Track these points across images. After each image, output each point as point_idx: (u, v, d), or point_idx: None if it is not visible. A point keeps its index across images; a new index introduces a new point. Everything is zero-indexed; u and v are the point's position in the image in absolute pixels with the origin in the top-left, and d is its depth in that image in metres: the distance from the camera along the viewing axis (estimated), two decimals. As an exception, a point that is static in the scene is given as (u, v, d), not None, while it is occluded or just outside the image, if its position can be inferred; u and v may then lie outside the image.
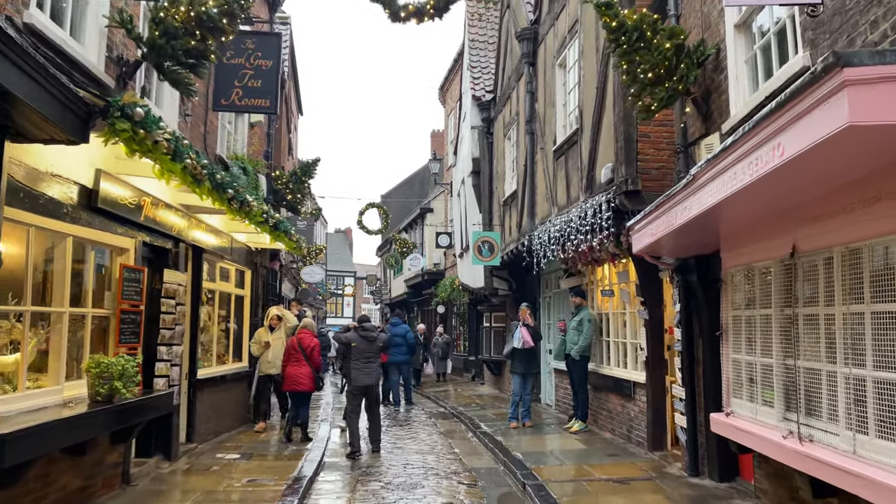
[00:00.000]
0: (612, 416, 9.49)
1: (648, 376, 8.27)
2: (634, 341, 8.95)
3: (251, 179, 9.45)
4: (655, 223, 6.02)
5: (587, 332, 9.80)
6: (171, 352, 7.46)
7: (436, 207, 26.93)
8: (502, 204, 13.80)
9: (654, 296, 8.30)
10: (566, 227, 9.02)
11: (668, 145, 7.44)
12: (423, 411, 14.11)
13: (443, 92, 26.62)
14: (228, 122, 10.19)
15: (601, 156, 8.19)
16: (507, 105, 13.55)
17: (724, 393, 5.95)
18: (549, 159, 10.46)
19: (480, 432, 10.41)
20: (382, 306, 44.07)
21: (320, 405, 14.53)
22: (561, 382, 11.94)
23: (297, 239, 10.44)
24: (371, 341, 9.10)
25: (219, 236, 9.34)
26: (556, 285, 12.46)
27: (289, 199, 12.44)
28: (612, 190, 7.46)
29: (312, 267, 22.75)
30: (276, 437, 9.88)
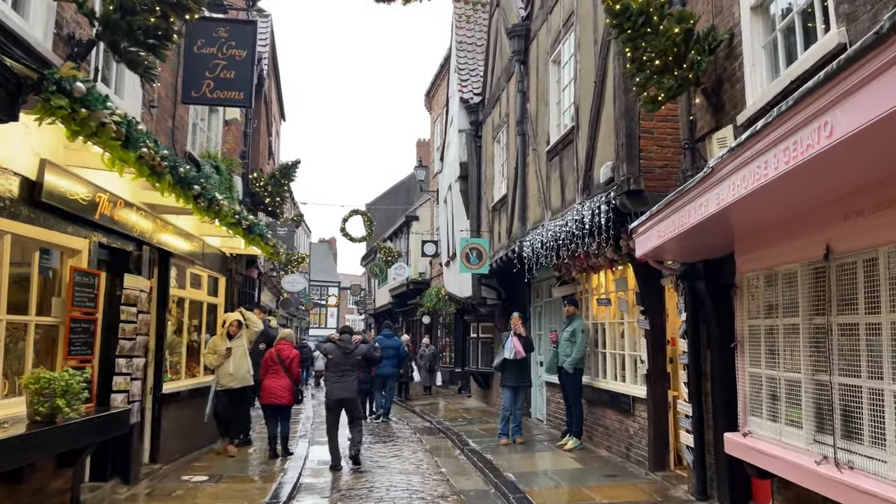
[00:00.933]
0: (608, 433, 8.92)
1: (649, 391, 7.72)
2: (633, 353, 8.40)
3: (224, 179, 8.83)
4: (663, 224, 5.49)
5: (580, 343, 9.25)
6: (131, 364, 6.80)
7: (421, 215, 26.37)
8: (491, 209, 13.25)
9: (656, 304, 7.77)
10: (560, 232, 8.48)
11: (672, 142, 6.93)
12: (408, 426, 13.47)
13: (429, 98, 26.14)
14: (201, 118, 9.57)
15: (600, 154, 7.67)
16: (496, 107, 13.04)
17: (741, 411, 5.40)
18: (541, 161, 9.94)
19: (469, 450, 9.80)
20: (367, 317, 43.33)
21: (300, 419, 13.85)
22: (553, 396, 11.36)
23: (274, 244, 9.81)
24: (348, 353, 8.76)
25: (189, 240, 8.69)
26: (547, 294, 11.91)
27: (267, 203, 11.81)
28: (613, 190, 6.93)
29: (294, 276, 22.09)
30: (255, 456, 9.20)
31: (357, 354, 8.98)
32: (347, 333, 9.21)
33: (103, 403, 6.59)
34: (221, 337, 9.04)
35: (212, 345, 9.09)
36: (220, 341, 9.00)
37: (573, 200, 8.50)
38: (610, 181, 7.18)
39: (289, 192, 12.34)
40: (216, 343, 9.04)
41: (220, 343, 8.98)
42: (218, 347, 8.93)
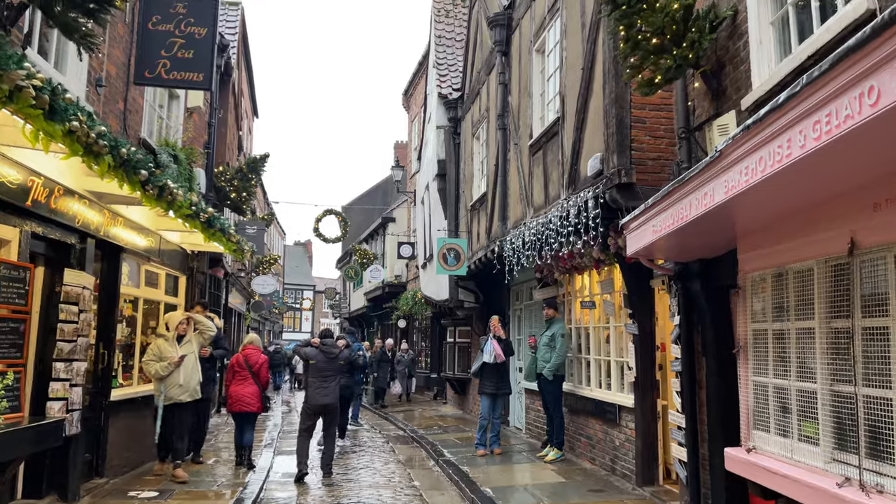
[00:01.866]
0: (592, 444, 8.41)
1: (637, 400, 7.23)
2: (620, 359, 7.91)
3: (183, 170, 8.18)
4: (660, 218, 4.99)
5: (560, 348, 8.74)
6: (70, 369, 6.13)
7: (398, 217, 25.78)
8: (470, 209, 12.72)
9: (645, 308, 7.28)
10: (543, 230, 7.97)
11: (666, 133, 6.46)
12: (381, 434, 12.87)
13: (407, 97, 25.60)
14: (160, 105, 8.91)
15: (587, 146, 7.18)
16: (476, 102, 12.52)
17: (743, 424, 4.91)
18: (523, 155, 9.43)
19: (443, 460, 9.23)
20: (342, 320, 42.56)
21: (266, 427, 13.17)
22: (532, 404, 10.84)
23: (237, 240, 9.16)
24: (332, 358, 8.46)
25: (143, 234, 8.03)
26: (528, 296, 11.41)
27: (233, 198, 11.14)
28: (601, 184, 6.43)
29: (265, 277, 21.35)
30: (215, 468, 8.53)
31: (341, 359, 8.64)
32: (329, 337, 8.80)
33: (38, 412, 5.93)
34: (170, 342, 7.73)
35: (156, 350, 7.62)
36: (168, 346, 7.68)
37: (557, 196, 7.99)
38: (598, 174, 6.69)
39: (256, 186, 11.69)
40: (162, 348, 7.63)
41: (167, 348, 7.64)
42: (166, 353, 7.60)
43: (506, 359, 9.52)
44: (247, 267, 22.34)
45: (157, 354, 7.61)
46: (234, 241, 8.92)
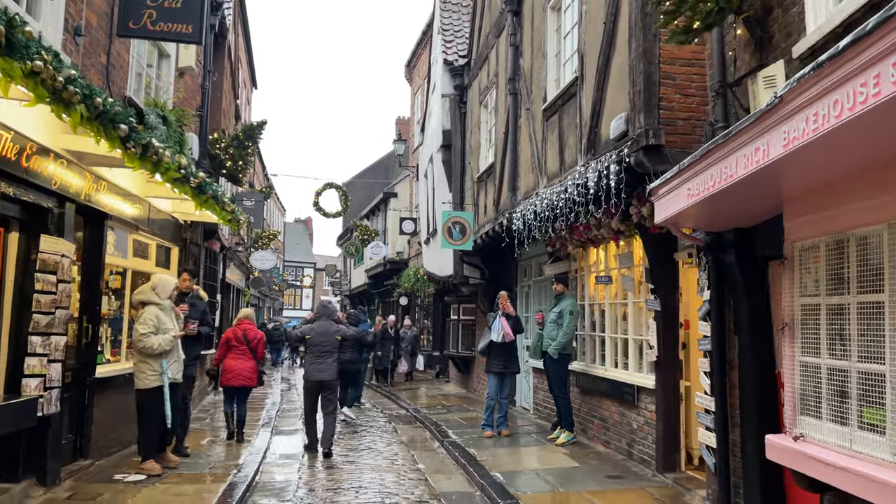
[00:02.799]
0: (606, 427, 7.97)
1: (659, 380, 6.76)
2: (638, 337, 7.43)
3: (173, 133, 7.63)
4: (698, 179, 4.46)
5: (568, 325, 8.25)
6: (48, 343, 5.65)
7: (400, 192, 25.22)
8: (476, 180, 12.18)
9: (668, 282, 6.79)
10: (558, 200, 7.44)
11: (697, 90, 5.91)
12: (383, 414, 12.45)
13: (409, 69, 24.91)
14: (148, 64, 8.33)
15: (609, 107, 6.63)
16: (483, 68, 11.92)
17: (788, 409, 4.42)
18: (536, 121, 8.87)
19: (449, 442, 8.80)
20: (342, 298, 42.16)
21: (265, 405, 12.77)
22: (541, 384, 10.39)
23: (232, 210, 8.64)
24: (328, 334, 8.33)
25: (130, 201, 7.51)
26: (537, 272, 10.91)
27: (228, 167, 10.60)
28: (626, 146, 5.89)
29: (263, 252, 20.86)
30: (208, 447, 8.11)
31: (337, 334, 8.43)
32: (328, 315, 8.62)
33: (13, 390, 5.47)
34: (167, 311, 6.70)
35: (153, 319, 6.51)
36: (166, 316, 6.67)
37: (574, 163, 7.46)
38: (622, 136, 6.14)
39: (253, 155, 11.14)
40: (161, 317, 6.58)
41: (166, 318, 6.64)
42: (166, 323, 6.61)
43: (514, 337, 9.05)
44: (245, 242, 21.85)
45: (155, 325, 6.51)
46: (228, 210, 8.40)
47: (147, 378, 6.57)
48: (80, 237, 6.82)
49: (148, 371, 6.57)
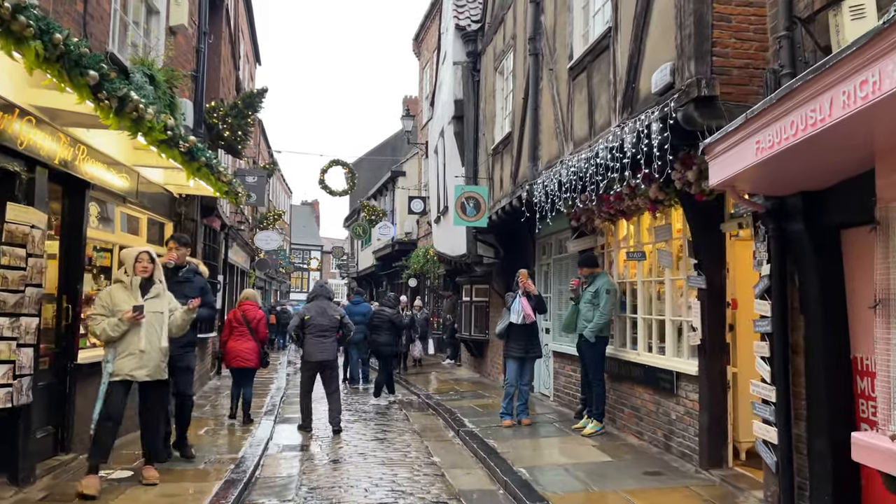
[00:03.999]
0: (639, 416, 7.28)
1: (703, 366, 6.05)
2: (677, 318, 6.72)
3: (162, 94, 6.92)
4: (773, 128, 3.73)
5: (605, 305, 7.54)
6: (17, 325, 4.99)
7: (408, 171, 24.49)
8: (491, 152, 11.43)
9: (713, 256, 6.07)
10: (587, 167, 6.70)
11: (756, 34, 5.14)
12: (393, 399, 11.81)
13: (417, 42, 24.07)
14: (134, 21, 7.59)
15: (649, 58, 5.87)
16: (499, 31, 11.13)
17: (882, 402, 3.71)
18: (560, 82, 8.10)
19: (465, 432, 8.15)
20: (349, 280, 41.59)
21: (269, 390, 12.17)
22: (562, 368, 9.72)
23: (229, 181, 7.94)
24: (327, 314, 8.40)
25: (116, 170, 6.82)
26: (557, 249, 10.18)
27: (226, 137, 9.89)
28: (673, 99, 5.13)
29: (268, 232, 20.20)
30: (206, 438, 7.48)
31: (336, 315, 8.49)
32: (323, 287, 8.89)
33: (-23, 378, 4.82)
34: (130, 289, 5.42)
35: (107, 300, 5.33)
36: (125, 295, 5.37)
37: (607, 125, 6.70)
38: (667, 89, 5.39)
39: (253, 125, 10.42)
40: (117, 297, 5.34)
41: (123, 298, 5.34)
42: (121, 304, 5.31)
43: (535, 318, 8.35)
44: (250, 222, 21.19)
45: (108, 307, 5.31)
46: (224, 180, 7.69)
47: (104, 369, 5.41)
48: (59, 209, 6.16)
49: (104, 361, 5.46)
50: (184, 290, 6.11)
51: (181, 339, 6.04)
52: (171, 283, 5.95)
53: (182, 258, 6.40)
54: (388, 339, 11.22)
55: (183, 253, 6.34)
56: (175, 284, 6.07)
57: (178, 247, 6.33)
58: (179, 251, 6.33)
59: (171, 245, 6.38)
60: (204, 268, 6.68)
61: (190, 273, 6.43)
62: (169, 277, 5.96)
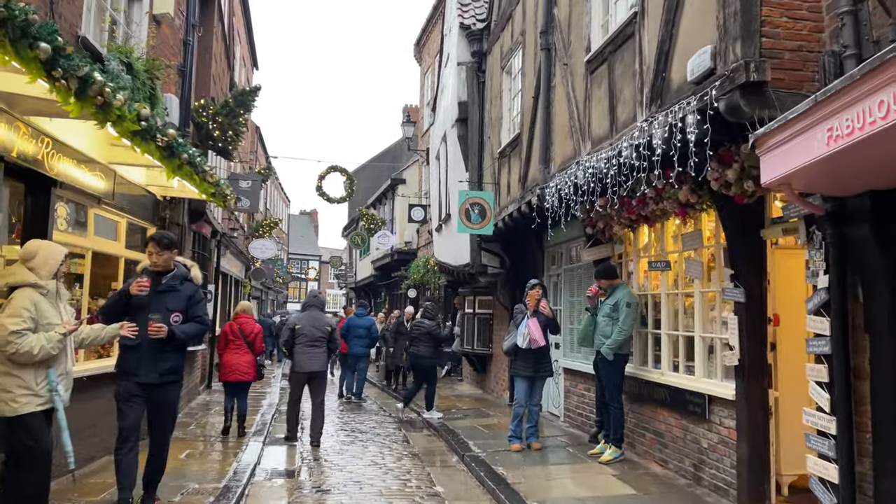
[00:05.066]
0: (662, 443, 6.61)
1: (741, 389, 5.40)
2: (708, 335, 6.07)
3: (142, 85, 6.30)
4: (851, 112, 3.13)
5: (625, 320, 6.89)
6: (-39, 341, 4.30)
7: (409, 178, 23.88)
8: (498, 156, 10.81)
9: (752, 266, 5.42)
10: (607, 168, 6.07)
11: (810, 12, 4.53)
12: (391, 418, 11.14)
13: (419, 47, 23.54)
14: (114, 8, 6.97)
15: (683, 43, 5.25)
16: (506, 28, 10.54)
17: None
18: (576, 77, 7.49)
19: (470, 457, 7.47)
20: (347, 291, 40.89)
21: (261, 406, 11.50)
22: (574, 387, 9.05)
23: (216, 182, 7.31)
24: (318, 324, 8.31)
25: (89, 167, 6.19)
26: (568, 259, 9.54)
27: (216, 137, 9.26)
28: (715, 87, 4.50)
29: (263, 241, 19.56)
30: (189, 461, 6.80)
31: (327, 325, 8.35)
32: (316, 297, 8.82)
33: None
34: (52, 297, 4.42)
35: (28, 308, 4.20)
36: (49, 305, 4.36)
37: (631, 120, 6.08)
38: (707, 76, 4.76)
39: (245, 125, 9.80)
40: (41, 305, 4.29)
41: (47, 308, 4.33)
42: (47, 315, 4.30)
43: (545, 343, 7.70)
44: (245, 230, 20.55)
45: (32, 318, 4.18)
46: (210, 181, 7.05)
47: (15, 401, 4.12)
48: (20, 208, 5.52)
49: (16, 389, 4.13)
50: (165, 301, 5.05)
51: (163, 364, 4.95)
52: (152, 292, 4.99)
53: (166, 263, 5.20)
54: (428, 352, 10.69)
55: (167, 257, 5.16)
56: (155, 295, 5.01)
57: (160, 250, 5.12)
58: (161, 255, 5.13)
59: (151, 248, 5.17)
60: (197, 272, 5.42)
61: (176, 280, 5.21)
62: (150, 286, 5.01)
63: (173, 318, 5.03)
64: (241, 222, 18.30)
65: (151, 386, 4.96)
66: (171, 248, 5.22)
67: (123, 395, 4.94)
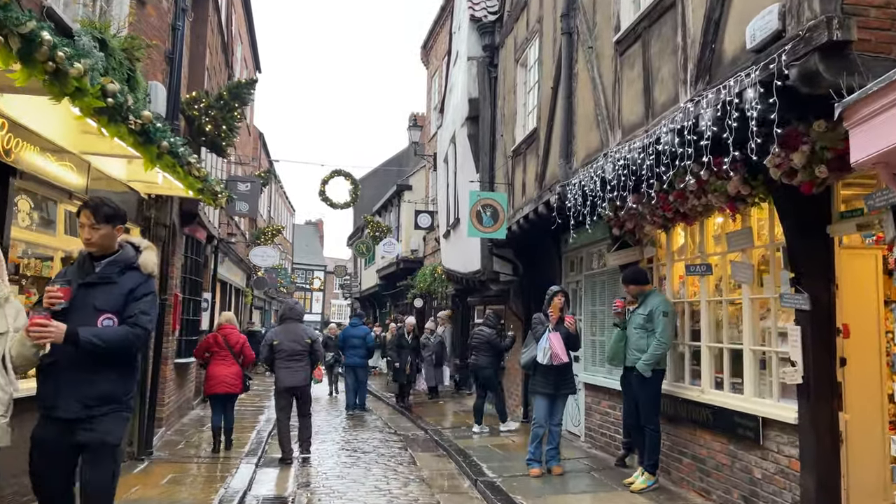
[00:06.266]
0: (704, 470, 5.82)
1: (804, 411, 4.62)
2: (759, 348, 5.30)
3: (118, 65, 5.58)
4: None
5: (663, 332, 6.12)
6: None
7: (415, 185, 23.18)
8: (511, 155, 10.09)
9: (818, 269, 4.66)
10: (642, 158, 5.34)
11: (901, -39, 3.78)
12: (396, 435, 10.37)
13: (426, 50, 22.93)
14: (91, -19, 6.29)
15: (739, 4, 4.53)
16: (520, 18, 9.86)
17: None
18: (603, 60, 6.77)
19: (484, 482, 6.70)
20: (352, 301, 40.16)
21: (257, 422, 10.77)
22: (596, 404, 8.27)
23: (205, 177, 6.60)
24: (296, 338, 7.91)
25: (57, 157, 5.49)
26: (589, 264, 8.78)
27: (208, 132, 8.57)
28: (785, 51, 3.76)
29: (264, 248, 18.86)
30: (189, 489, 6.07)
31: (307, 338, 7.97)
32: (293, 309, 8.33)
33: None
34: None
35: None
36: None
37: (672, 101, 5.35)
38: (775, 39, 4.02)
39: (240, 119, 9.11)
40: None
41: None
42: None
43: (567, 360, 6.95)
44: (246, 237, 19.87)
45: None
46: (196, 175, 6.34)
47: None
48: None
49: None
50: (93, 298, 3.49)
51: (89, 389, 3.40)
52: (83, 283, 3.53)
53: (104, 242, 3.60)
54: (487, 362, 10.19)
55: (105, 234, 3.57)
56: (82, 289, 3.49)
57: (96, 222, 3.54)
58: (98, 230, 3.54)
59: (83, 219, 3.56)
60: (150, 258, 3.74)
61: (113, 268, 3.59)
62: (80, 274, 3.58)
63: (103, 322, 3.43)
64: (241, 228, 17.62)
65: (74, 423, 3.40)
66: (113, 222, 3.60)
67: (37, 441, 3.44)
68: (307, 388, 8.08)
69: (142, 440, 7.43)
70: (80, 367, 3.39)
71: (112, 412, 3.49)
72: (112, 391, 3.49)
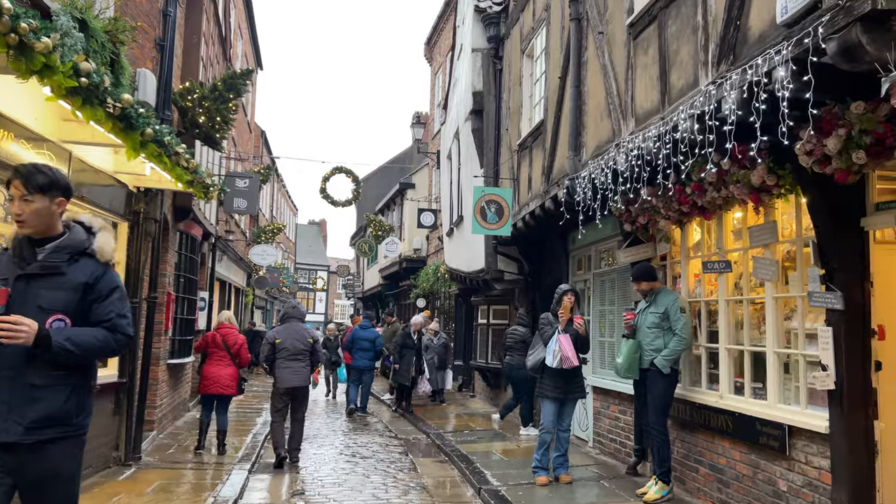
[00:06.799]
0: (722, 480, 5.46)
1: (837, 419, 4.26)
2: (784, 350, 4.94)
3: (99, 48, 5.26)
4: None
5: (684, 327, 5.79)
6: None
7: (418, 183, 22.88)
8: (517, 149, 9.74)
9: (852, 265, 4.30)
10: (657, 147, 4.99)
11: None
12: (397, 440, 10.01)
13: (430, 47, 22.63)
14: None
15: (767, -21, 4.16)
16: (526, 8, 9.51)
17: None
18: (615, 45, 6.42)
19: (488, 491, 6.35)
20: (355, 301, 39.85)
21: (254, 425, 10.43)
22: (605, 408, 7.92)
23: (195, 168, 6.26)
24: (299, 337, 7.80)
25: (33, 145, 5.16)
26: (598, 263, 8.42)
27: (202, 123, 8.24)
28: (822, 24, 3.40)
29: (264, 246, 18.54)
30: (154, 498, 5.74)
31: (309, 337, 7.86)
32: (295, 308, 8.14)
33: None
34: None
35: None
36: None
37: (692, 85, 4.99)
38: (808, 12, 3.67)
39: (235, 111, 8.77)
40: None
41: None
42: None
43: (578, 363, 6.59)
44: (247, 235, 19.56)
45: None
46: (185, 166, 6.00)
47: None
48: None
49: None
50: (36, 294, 2.73)
51: (30, 409, 2.65)
52: (22, 275, 2.75)
53: (39, 220, 2.77)
54: (522, 362, 9.20)
55: (40, 208, 2.74)
56: (24, 282, 2.73)
57: (28, 192, 2.72)
58: (31, 202, 2.73)
59: (13, 190, 2.74)
60: (108, 240, 2.94)
61: (61, 255, 2.80)
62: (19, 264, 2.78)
63: (52, 325, 2.69)
64: (241, 226, 17.30)
65: (15, 450, 2.64)
66: (50, 192, 2.76)
67: None
68: (306, 389, 7.90)
69: (129, 445, 7.11)
70: (19, 379, 2.65)
71: (61, 438, 2.71)
72: (61, 410, 2.71)
